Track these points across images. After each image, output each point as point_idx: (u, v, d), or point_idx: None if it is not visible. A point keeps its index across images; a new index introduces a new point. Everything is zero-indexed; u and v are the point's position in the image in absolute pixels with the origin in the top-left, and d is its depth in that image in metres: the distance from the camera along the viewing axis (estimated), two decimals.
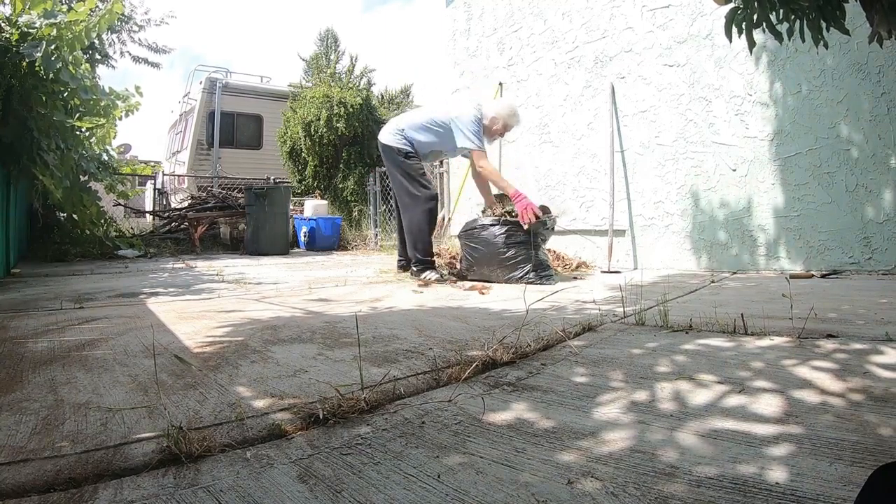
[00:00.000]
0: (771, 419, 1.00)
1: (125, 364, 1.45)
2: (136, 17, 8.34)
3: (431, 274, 3.51)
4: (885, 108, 3.21)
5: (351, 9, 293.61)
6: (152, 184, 10.33)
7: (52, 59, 3.40)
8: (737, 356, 1.44)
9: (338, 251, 7.47)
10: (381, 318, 2.15)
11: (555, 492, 0.76)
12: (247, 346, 1.67)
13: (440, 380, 1.31)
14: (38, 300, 2.75)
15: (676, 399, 1.13)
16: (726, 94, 3.86)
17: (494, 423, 1.03)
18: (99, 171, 5.63)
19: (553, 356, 1.52)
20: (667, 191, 4.19)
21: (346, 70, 10.22)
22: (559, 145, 4.92)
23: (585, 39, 4.70)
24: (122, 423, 1.02)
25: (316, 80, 9.87)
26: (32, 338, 1.81)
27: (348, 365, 1.43)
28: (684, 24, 4.06)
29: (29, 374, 1.36)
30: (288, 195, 7.27)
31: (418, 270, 3.57)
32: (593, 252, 4.63)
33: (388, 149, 3.65)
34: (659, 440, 0.92)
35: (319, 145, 8.68)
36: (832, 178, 3.42)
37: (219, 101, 10.54)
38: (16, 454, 0.88)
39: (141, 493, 0.78)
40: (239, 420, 1.03)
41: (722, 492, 0.74)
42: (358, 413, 1.09)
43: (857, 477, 0.76)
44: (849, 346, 1.49)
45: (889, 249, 3.22)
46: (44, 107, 3.55)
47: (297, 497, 0.77)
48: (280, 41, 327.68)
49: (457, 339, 1.72)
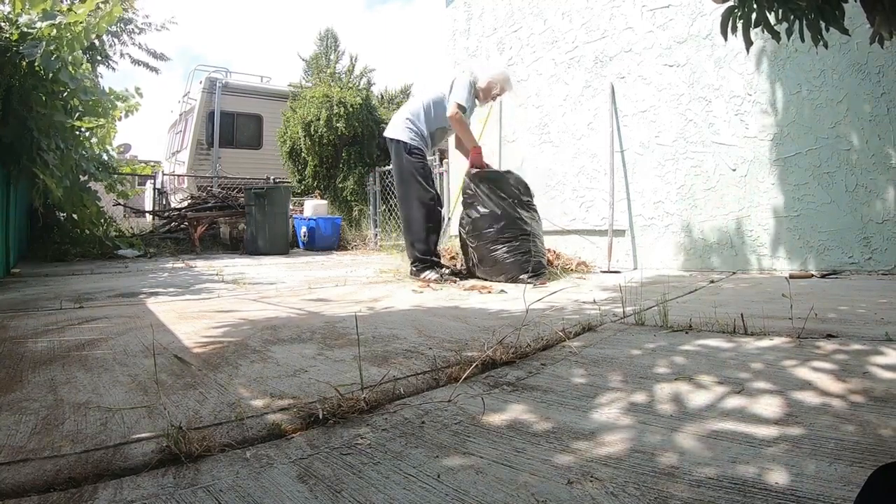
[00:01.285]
0: (771, 420, 1.00)
1: (125, 364, 1.45)
2: (136, 20, 8.33)
3: (431, 273, 3.47)
4: (885, 109, 3.21)
5: (353, 6, 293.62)
6: (152, 184, 10.34)
7: (52, 59, 3.40)
8: (737, 356, 1.44)
9: (337, 251, 7.47)
10: (380, 318, 2.15)
11: (554, 492, 0.76)
12: (246, 345, 1.67)
13: (440, 380, 1.31)
14: (38, 300, 2.75)
15: (676, 399, 1.13)
16: (726, 95, 3.86)
17: (494, 423, 1.03)
18: (99, 171, 5.63)
19: (553, 356, 1.52)
20: (666, 191, 4.19)
21: (345, 70, 10.23)
22: (559, 145, 4.92)
23: (585, 39, 4.70)
24: (121, 423, 1.02)
25: (316, 80, 9.87)
26: (32, 337, 1.81)
27: (348, 365, 1.43)
28: (684, 24, 4.06)
29: (29, 374, 1.36)
30: (288, 195, 7.27)
31: (418, 270, 3.54)
32: (593, 252, 4.63)
33: (396, 143, 3.62)
34: (659, 440, 0.92)
35: (319, 145, 8.67)
36: (832, 178, 3.42)
37: (219, 101, 10.54)
38: (15, 454, 0.88)
39: (141, 493, 0.78)
40: (239, 420, 1.03)
41: (722, 492, 0.74)
42: (358, 413, 1.09)
43: (856, 477, 0.76)
44: (849, 346, 1.49)
45: (889, 249, 3.22)
46: (44, 107, 3.55)
47: (296, 497, 0.77)
48: (280, 41, 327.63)
49: (456, 339, 1.72)
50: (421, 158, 3.60)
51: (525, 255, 3.36)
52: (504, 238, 3.39)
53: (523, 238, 3.39)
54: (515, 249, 3.36)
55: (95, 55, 6.67)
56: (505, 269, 3.37)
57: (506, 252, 3.37)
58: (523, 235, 3.40)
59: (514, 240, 3.38)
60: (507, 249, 3.37)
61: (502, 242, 3.39)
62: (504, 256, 3.37)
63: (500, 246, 3.39)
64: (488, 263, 3.45)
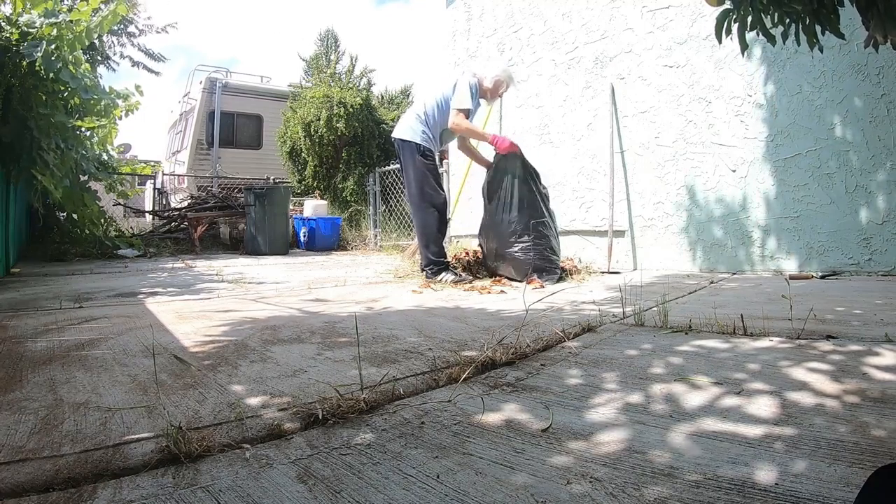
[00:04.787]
0: (770, 420, 1.00)
1: (124, 364, 1.45)
2: (138, 21, 8.34)
3: (448, 275, 3.42)
4: (884, 110, 3.21)
5: (362, 3, 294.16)
6: (152, 183, 10.33)
7: (53, 58, 3.39)
8: (736, 357, 1.44)
9: (337, 251, 7.47)
10: (380, 319, 2.15)
11: (554, 492, 0.76)
12: (246, 345, 1.67)
13: (439, 380, 1.31)
14: (38, 299, 2.75)
15: (675, 400, 1.13)
16: (726, 95, 3.86)
17: (493, 424, 1.03)
18: (99, 170, 5.63)
19: (552, 357, 1.52)
20: (666, 191, 4.19)
21: (346, 70, 10.22)
22: (559, 146, 4.92)
23: (585, 40, 4.70)
24: (121, 423, 1.02)
25: (316, 81, 9.86)
26: (32, 337, 1.81)
27: (347, 365, 1.43)
28: (684, 25, 4.07)
29: (28, 374, 1.36)
30: (287, 195, 7.27)
31: (433, 273, 3.47)
32: (593, 253, 4.63)
33: (407, 145, 3.57)
34: (658, 441, 0.93)
35: (319, 145, 8.67)
36: (832, 179, 3.42)
37: (219, 101, 10.54)
38: (15, 454, 0.88)
39: (140, 493, 0.78)
40: (238, 420, 1.03)
41: (721, 493, 0.74)
42: (357, 413, 1.09)
43: (856, 478, 0.76)
44: (848, 347, 1.49)
45: (888, 250, 3.22)
46: (44, 106, 3.54)
47: (296, 497, 0.77)
48: (283, 40, 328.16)
49: (456, 340, 1.73)
50: (432, 160, 3.58)
51: (545, 253, 3.39)
52: (528, 235, 3.41)
53: (546, 236, 3.43)
54: (538, 247, 3.39)
55: (95, 55, 6.67)
56: (524, 267, 3.39)
57: (525, 250, 3.39)
58: (547, 233, 3.44)
59: (538, 237, 3.40)
60: (528, 247, 3.39)
61: (524, 239, 3.41)
62: (525, 254, 3.39)
63: (521, 243, 3.41)
64: (508, 261, 3.47)
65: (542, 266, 3.37)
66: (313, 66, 10.56)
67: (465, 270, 3.71)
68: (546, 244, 3.42)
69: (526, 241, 3.39)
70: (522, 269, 3.39)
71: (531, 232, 3.39)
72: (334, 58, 10.75)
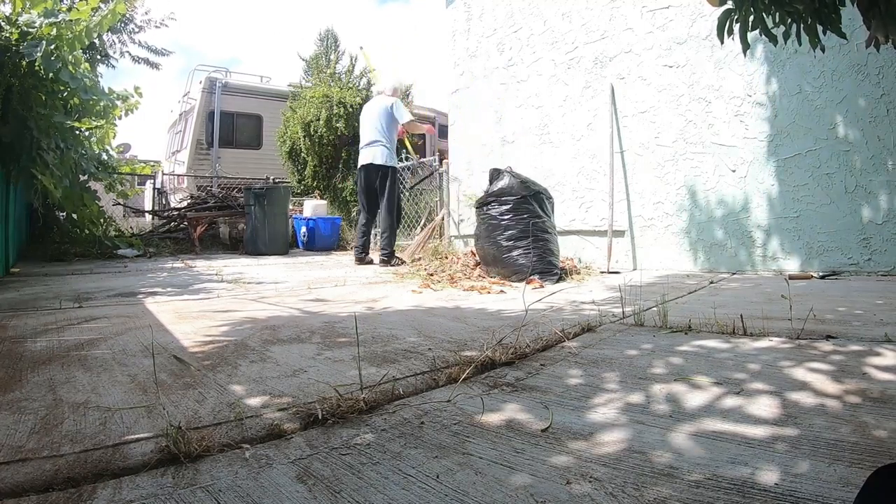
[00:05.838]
0: (769, 420, 1.00)
1: (124, 364, 1.45)
2: (136, 17, 8.32)
3: (397, 260, 4.91)
4: (884, 110, 3.21)
5: (363, 3, 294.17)
6: (152, 183, 10.32)
7: (52, 58, 3.39)
8: (735, 357, 1.44)
9: (337, 251, 7.46)
10: (380, 319, 2.15)
11: (554, 492, 0.76)
12: (246, 345, 1.67)
13: (439, 380, 1.31)
14: (38, 299, 2.75)
15: (675, 400, 1.13)
16: (726, 95, 3.86)
17: (493, 424, 1.03)
18: (98, 170, 5.62)
19: (552, 357, 1.52)
20: (666, 191, 4.19)
21: (345, 70, 10.21)
22: (559, 146, 4.92)
23: (585, 40, 4.70)
24: (120, 423, 1.02)
25: (316, 80, 9.85)
26: (31, 337, 1.81)
27: (347, 365, 1.43)
28: (684, 25, 4.07)
29: (28, 374, 1.36)
30: (287, 195, 7.26)
31: (387, 258, 4.86)
32: (592, 253, 4.63)
33: (390, 169, 4.91)
34: (657, 441, 0.92)
35: (319, 145, 8.67)
36: (831, 179, 3.42)
37: (218, 101, 10.53)
38: (15, 454, 0.88)
39: (140, 493, 0.78)
40: (238, 420, 1.03)
41: (720, 493, 0.74)
42: (357, 413, 1.09)
43: (856, 478, 0.76)
44: (848, 347, 1.49)
45: (888, 250, 3.23)
46: (43, 106, 3.54)
47: (295, 497, 0.77)
48: (283, 40, 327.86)
49: (456, 340, 1.72)
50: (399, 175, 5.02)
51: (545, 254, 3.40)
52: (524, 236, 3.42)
53: (545, 238, 3.43)
54: (535, 248, 3.39)
55: (95, 54, 6.66)
56: (518, 267, 3.39)
57: (524, 251, 3.39)
58: (545, 235, 3.45)
59: (536, 240, 3.41)
60: (526, 248, 3.40)
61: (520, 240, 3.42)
62: (520, 255, 3.39)
63: (517, 244, 3.42)
64: (501, 262, 3.47)
65: (542, 267, 3.37)
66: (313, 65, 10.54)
67: (464, 271, 3.73)
68: (545, 246, 3.42)
69: (525, 243, 3.39)
70: (522, 271, 3.39)
71: (530, 234, 3.39)
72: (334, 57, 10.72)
